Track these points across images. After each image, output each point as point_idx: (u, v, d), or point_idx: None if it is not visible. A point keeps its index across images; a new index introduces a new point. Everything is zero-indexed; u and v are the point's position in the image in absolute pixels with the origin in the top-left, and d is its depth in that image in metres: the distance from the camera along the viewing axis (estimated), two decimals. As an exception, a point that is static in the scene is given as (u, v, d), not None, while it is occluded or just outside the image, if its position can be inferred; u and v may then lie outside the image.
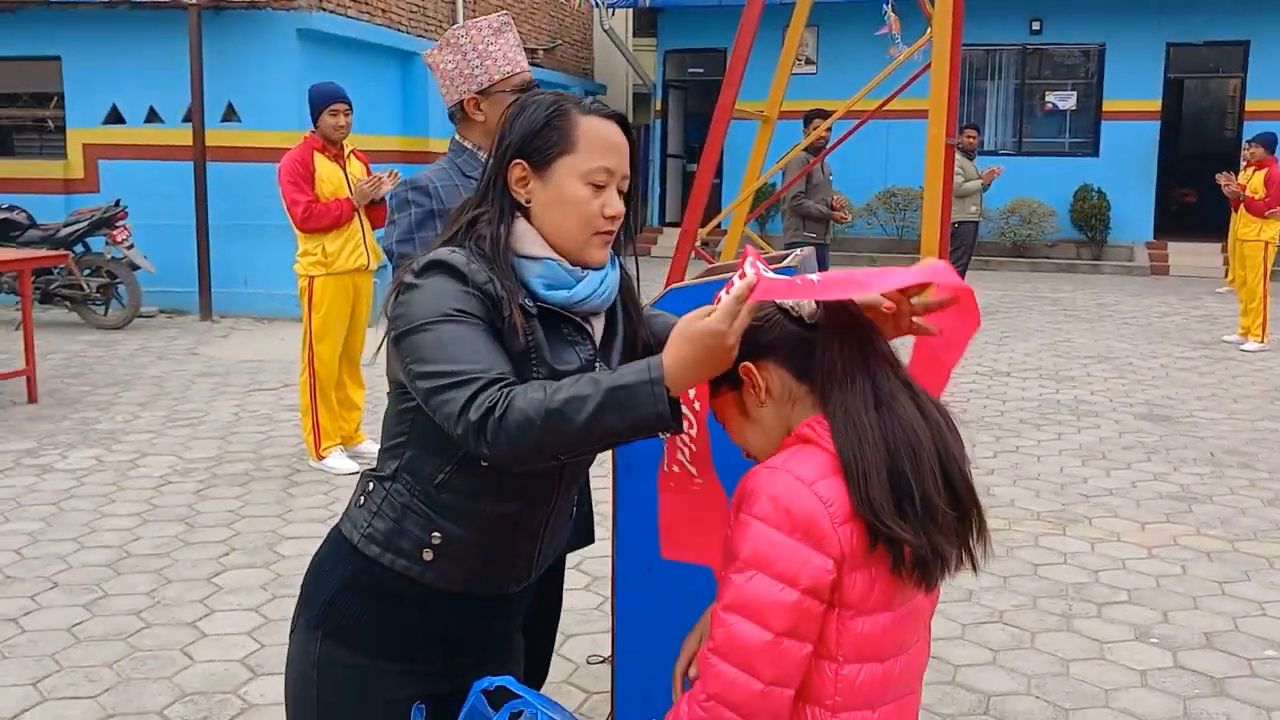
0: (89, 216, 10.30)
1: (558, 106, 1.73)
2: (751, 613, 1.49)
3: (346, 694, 1.76)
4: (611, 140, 1.73)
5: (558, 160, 1.71)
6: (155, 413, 7.37)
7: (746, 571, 1.50)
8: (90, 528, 5.17)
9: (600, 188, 1.72)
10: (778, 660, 1.48)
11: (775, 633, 1.48)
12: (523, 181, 1.73)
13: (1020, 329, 11.26)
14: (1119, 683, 3.78)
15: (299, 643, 1.81)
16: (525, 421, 1.51)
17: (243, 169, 11.14)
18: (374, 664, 1.76)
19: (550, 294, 1.72)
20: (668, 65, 19.52)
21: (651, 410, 1.49)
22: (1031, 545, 5.08)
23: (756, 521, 1.51)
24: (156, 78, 11.30)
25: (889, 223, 17.39)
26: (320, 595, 1.78)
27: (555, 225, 1.72)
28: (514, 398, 1.53)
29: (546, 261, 1.72)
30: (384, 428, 1.82)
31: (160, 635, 4.06)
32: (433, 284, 1.65)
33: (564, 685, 3.71)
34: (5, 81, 12.34)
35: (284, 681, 1.86)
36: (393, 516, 1.75)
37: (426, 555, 1.73)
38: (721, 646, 1.50)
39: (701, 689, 1.52)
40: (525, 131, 1.72)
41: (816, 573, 1.48)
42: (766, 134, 8.34)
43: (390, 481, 1.76)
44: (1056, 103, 17.76)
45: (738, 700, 1.48)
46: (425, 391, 1.61)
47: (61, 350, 9.43)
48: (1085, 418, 7.54)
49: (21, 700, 3.56)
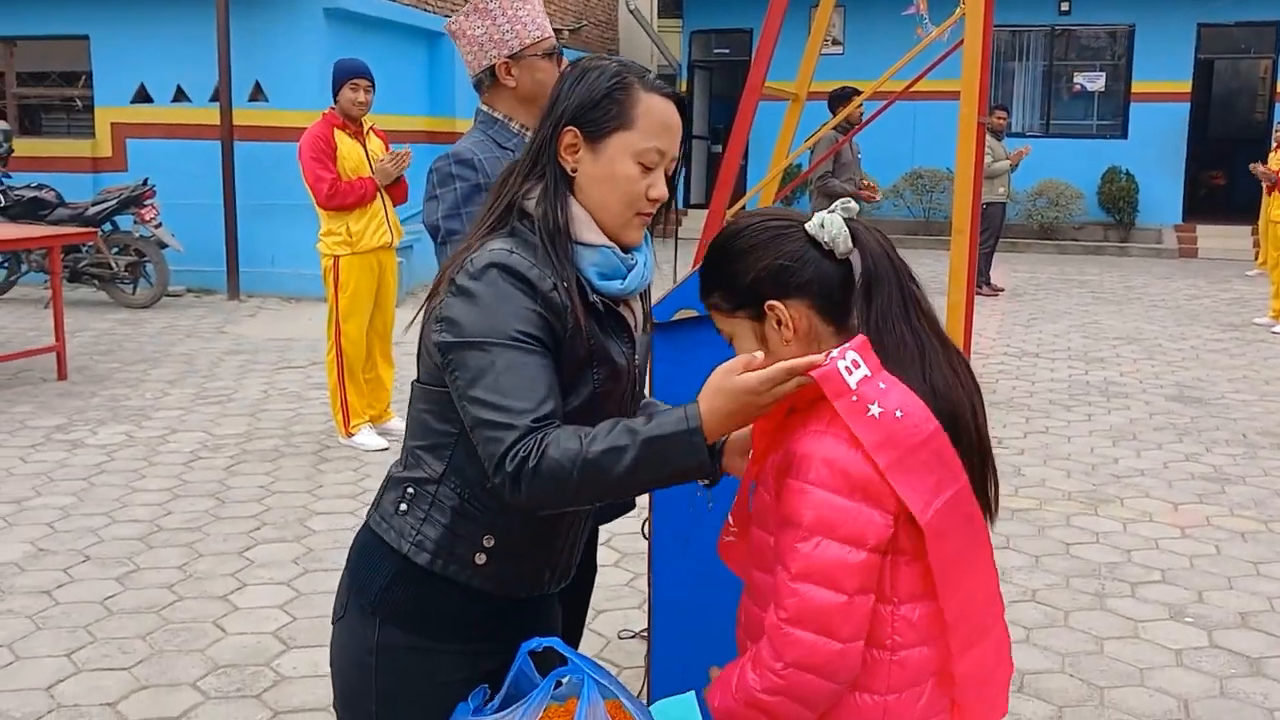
0: (117, 195, 10.34)
1: (621, 78, 1.68)
2: (823, 578, 1.50)
3: (407, 678, 1.73)
4: (669, 121, 1.70)
5: (613, 134, 1.66)
6: (184, 390, 7.41)
7: (813, 538, 1.50)
8: (121, 502, 5.20)
9: (649, 169, 1.68)
10: (852, 618, 1.50)
11: (849, 593, 1.50)
12: (572, 149, 1.68)
13: (1048, 311, 11.18)
14: (1154, 661, 3.76)
15: (351, 629, 1.75)
16: (560, 473, 1.48)
17: (270, 148, 11.15)
18: (434, 645, 1.72)
19: (605, 285, 1.68)
20: (693, 46, 19.43)
21: (693, 461, 1.49)
22: (1063, 525, 5.05)
23: (814, 488, 1.51)
24: (184, 57, 11.32)
25: (916, 204, 17.28)
26: (375, 582, 1.72)
27: (599, 200, 1.68)
28: (549, 448, 1.49)
29: (603, 249, 1.68)
30: (417, 422, 1.73)
31: (192, 608, 4.08)
32: (494, 293, 1.58)
33: (596, 660, 3.70)
34: (34, 60, 12.41)
35: (332, 671, 1.80)
36: (444, 522, 1.68)
37: (479, 559, 1.69)
38: (796, 615, 1.51)
39: (775, 657, 1.52)
40: (584, 99, 1.67)
41: (880, 530, 1.51)
42: (796, 114, 8.27)
43: (436, 485, 1.69)
44: (1085, 84, 17.59)
45: (819, 663, 1.50)
46: (472, 419, 1.56)
47: (90, 328, 9.48)
48: (1115, 399, 7.48)
49: (56, 671, 3.59)
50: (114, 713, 3.34)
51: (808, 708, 1.54)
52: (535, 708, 1.67)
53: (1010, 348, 9.24)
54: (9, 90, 12.44)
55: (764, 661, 1.54)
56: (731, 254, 1.63)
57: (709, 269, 1.67)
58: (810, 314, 1.59)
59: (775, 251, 1.59)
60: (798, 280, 1.58)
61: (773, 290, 1.58)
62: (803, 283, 1.58)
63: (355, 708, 1.77)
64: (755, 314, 1.61)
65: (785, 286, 1.58)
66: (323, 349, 6.44)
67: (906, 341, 1.57)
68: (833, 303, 1.60)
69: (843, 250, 1.58)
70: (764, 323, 1.61)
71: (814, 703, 1.53)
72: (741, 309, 1.62)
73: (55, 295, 7.71)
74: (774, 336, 1.61)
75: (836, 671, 1.51)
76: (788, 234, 1.60)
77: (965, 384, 1.61)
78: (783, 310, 1.58)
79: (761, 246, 1.60)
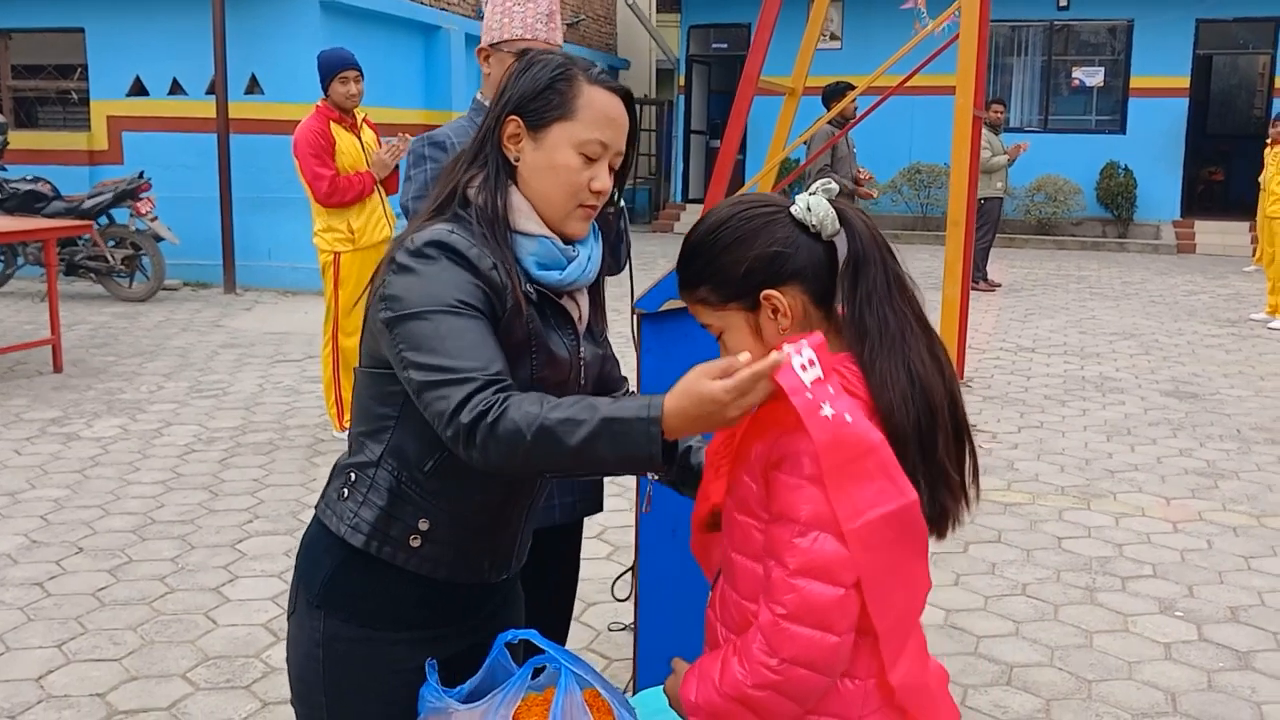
0: (113, 188, 10.33)
1: (564, 70, 1.70)
2: (822, 572, 1.48)
3: (354, 668, 1.73)
4: (611, 114, 1.70)
5: (554, 124, 1.68)
6: (179, 383, 7.41)
7: (810, 533, 1.48)
8: (115, 495, 5.21)
9: (592, 160, 1.69)
10: (848, 611, 1.49)
11: (846, 586, 1.48)
12: (515, 139, 1.70)
13: (1045, 306, 11.18)
14: (1143, 655, 3.76)
15: (300, 623, 1.77)
16: (516, 433, 1.47)
17: (266, 141, 11.15)
18: (379, 635, 1.72)
19: (542, 274, 1.69)
20: (691, 40, 19.41)
21: (645, 450, 1.46)
22: (1055, 519, 5.05)
23: (808, 484, 1.49)
24: (180, 49, 11.32)
25: (913, 200, 17.27)
26: (317, 576, 1.73)
27: (540, 191, 1.70)
28: (508, 406, 1.48)
29: (541, 239, 1.69)
30: (359, 407, 1.74)
31: (184, 600, 4.09)
32: (435, 268, 1.60)
33: (585, 652, 3.71)
34: (29, 53, 12.39)
35: (287, 664, 1.82)
36: (379, 504, 1.69)
37: (414, 542, 1.69)
38: (796, 611, 1.48)
39: (769, 653, 1.50)
40: (526, 89, 1.69)
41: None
42: (791, 108, 8.30)
43: (374, 468, 1.70)
44: (1084, 79, 17.58)
45: (817, 657, 1.49)
46: (418, 384, 1.55)
47: (87, 321, 9.48)
48: (1110, 394, 7.49)
49: (47, 661, 3.59)
50: (103, 704, 3.34)
51: (798, 702, 1.52)
52: (513, 696, 1.67)
53: (1006, 342, 9.24)
54: (4, 83, 12.43)
55: (755, 657, 1.52)
56: (719, 246, 1.59)
57: (694, 263, 1.63)
58: (804, 299, 1.58)
59: (767, 239, 1.56)
60: (792, 266, 1.56)
61: (767, 279, 1.56)
62: (797, 268, 1.56)
63: (309, 701, 1.78)
64: (749, 304, 1.58)
65: (780, 274, 1.56)
66: (318, 343, 6.44)
67: (889, 323, 1.55)
68: (823, 286, 1.59)
69: (830, 231, 1.57)
70: (758, 313, 1.58)
71: (806, 697, 1.52)
72: (734, 301, 1.59)
73: (51, 288, 7.71)
74: (769, 326, 1.58)
75: (832, 665, 1.51)
76: (775, 220, 1.58)
77: (944, 371, 1.59)
78: (779, 298, 1.56)
79: (751, 235, 1.57)
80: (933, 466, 1.55)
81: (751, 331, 1.60)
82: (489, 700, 1.68)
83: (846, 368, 1.56)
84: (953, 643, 3.81)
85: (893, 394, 1.52)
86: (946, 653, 3.72)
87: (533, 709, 1.69)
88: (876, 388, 1.53)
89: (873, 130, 11.86)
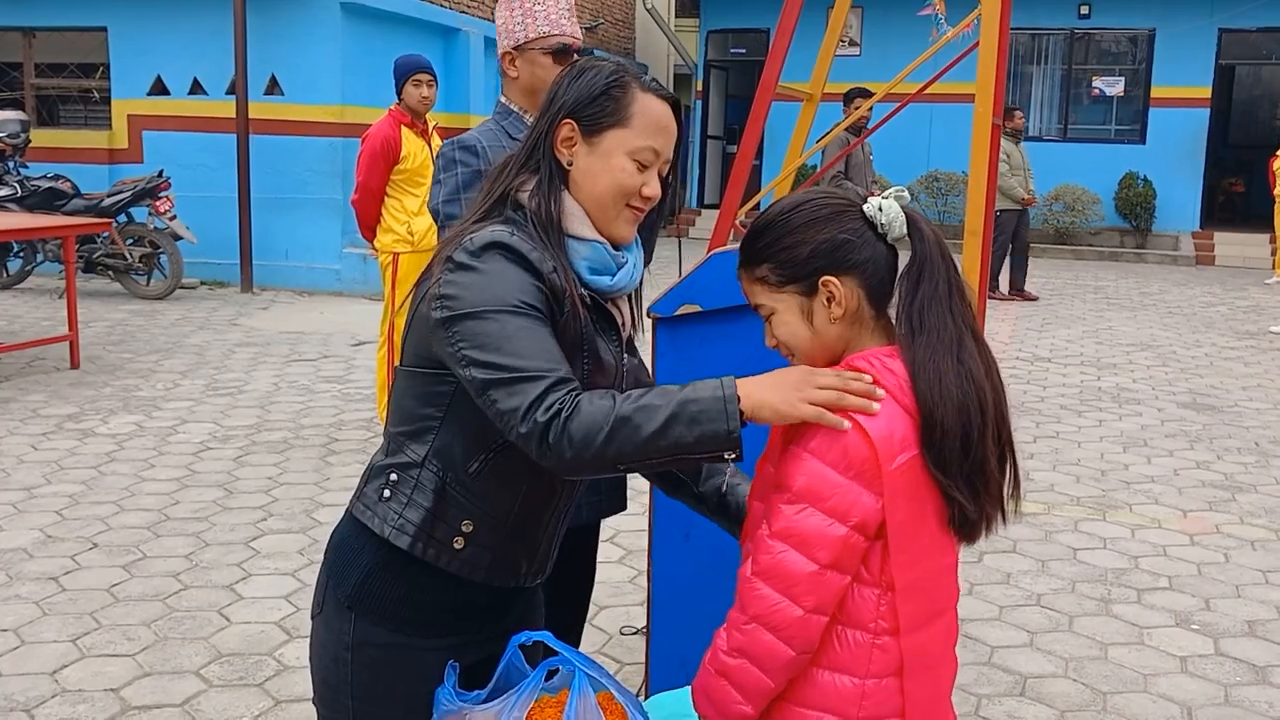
0: (132, 187, 10.38)
1: (619, 77, 1.70)
2: (799, 543, 1.53)
3: (385, 673, 1.72)
4: (664, 122, 1.71)
5: (609, 131, 1.69)
6: (195, 381, 7.44)
7: (798, 504, 1.53)
8: (130, 491, 5.22)
9: (644, 167, 1.70)
10: (819, 590, 1.53)
11: (820, 565, 1.52)
12: (569, 142, 1.70)
13: (1062, 316, 11.14)
14: (1158, 668, 3.73)
15: (328, 624, 1.74)
16: (592, 427, 1.47)
17: (285, 142, 11.20)
18: (410, 641, 1.71)
19: (594, 279, 1.70)
20: (709, 45, 19.42)
21: (722, 427, 1.47)
22: (1071, 530, 5.03)
23: (812, 457, 1.53)
24: (201, 49, 11.37)
25: (930, 207, 17.22)
26: (352, 575, 1.71)
27: (591, 195, 1.70)
28: (581, 403, 1.49)
29: (594, 244, 1.69)
30: (399, 408, 1.73)
31: (197, 597, 4.10)
32: (496, 268, 1.59)
33: (597, 655, 3.70)
34: (52, 51, 12.47)
35: (311, 668, 1.80)
36: (425, 506, 1.67)
37: (458, 544, 1.69)
38: (766, 570, 1.54)
39: (741, 611, 1.57)
40: (581, 95, 1.70)
41: (866, 511, 1.52)
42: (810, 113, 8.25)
43: (418, 469, 1.68)
44: (1104, 88, 17.52)
45: (778, 623, 1.53)
46: (482, 383, 1.54)
47: (104, 318, 9.53)
48: (1127, 405, 7.45)
49: (62, 656, 3.61)
50: (117, 699, 3.35)
51: (767, 674, 1.56)
52: (527, 697, 1.67)
53: (1023, 352, 9.21)
54: (27, 81, 12.51)
55: (731, 619, 1.59)
56: (791, 225, 1.63)
57: (761, 240, 1.66)
58: (860, 294, 1.61)
59: (838, 226, 1.61)
60: (856, 257, 1.60)
61: (829, 265, 1.59)
62: (860, 261, 1.60)
63: (333, 704, 1.76)
64: (806, 289, 1.61)
65: (842, 262, 1.60)
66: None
67: (948, 325, 1.59)
68: (881, 285, 1.62)
69: (896, 234, 1.61)
70: (814, 298, 1.61)
71: (773, 668, 1.55)
72: (793, 283, 1.62)
73: (69, 285, 7.75)
74: (821, 314, 1.61)
75: (794, 638, 1.54)
76: (848, 212, 1.63)
77: (994, 381, 1.63)
78: (837, 286, 1.59)
79: (824, 220, 1.61)
80: (973, 465, 1.57)
81: (803, 316, 1.64)
82: (503, 701, 1.68)
83: (882, 359, 1.59)
84: (967, 653, 3.79)
85: (942, 388, 1.55)
86: (960, 662, 3.69)
87: (546, 710, 1.69)
88: (926, 381, 1.55)
89: (891, 137, 11.87)
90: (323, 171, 11.29)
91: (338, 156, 11.03)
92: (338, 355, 8.30)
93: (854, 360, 1.61)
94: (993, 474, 1.59)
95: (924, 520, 1.57)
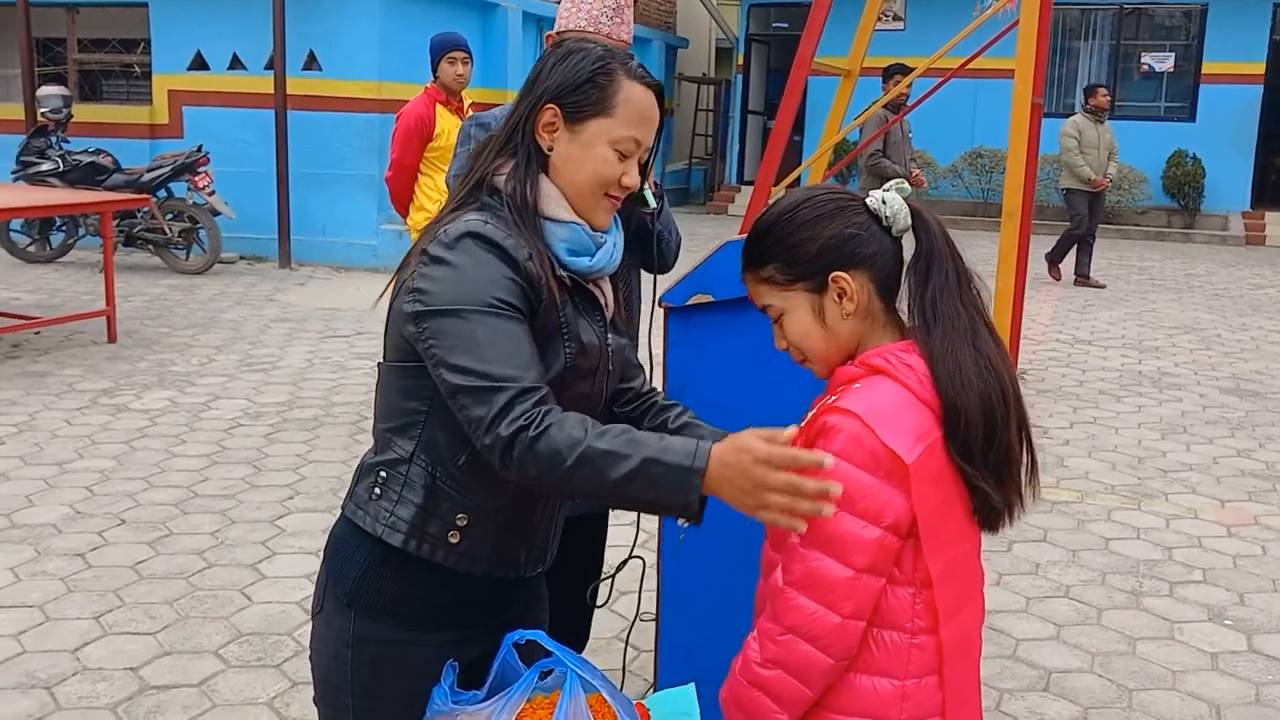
0: (172, 162, 10.45)
1: (604, 64, 1.67)
2: (834, 549, 1.50)
3: (385, 670, 1.70)
4: (647, 112, 1.68)
5: (592, 120, 1.66)
6: (230, 356, 7.48)
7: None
8: (160, 467, 5.26)
9: (625, 157, 1.68)
10: (856, 595, 1.51)
11: (856, 569, 1.50)
12: (550, 128, 1.67)
13: (1104, 297, 10.94)
14: (1188, 664, 3.66)
15: (328, 622, 1.73)
16: (556, 456, 1.46)
17: (323, 118, 11.22)
18: (409, 637, 1.69)
19: (573, 261, 1.67)
20: (751, 19, 19.20)
21: (679, 499, 1.45)
22: (1104, 519, 4.94)
23: (839, 459, 1.49)
24: (240, 25, 11.40)
25: (974, 185, 16.99)
26: (350, 573, 1.70)
27: (571, 182, 1.68)
28: (551, 426, 1.47)
29: (572, 226, 1.67)
30: (385, 403, 1.70)
31: (221, 575, 4.12)
32: (471, 261, 1.57)
33: (614, 641, 3.69)
34: (95, 27, 12.56)
35: (311, 666, 1.79)
36: (416, 502, 1.65)
37: (453, 538, 1.67)
38: (800, 580, 1.52)
39: (775, 623, 1.54)
40: (566, 80, 1.66)
41: (899, 511, 1.50)
42: (847, 89, 8.17)
43: (406, 465, 1.66)
44: (1153, 65, 17.15)
45: (816, 633, 1.51)
46: (452, 386, 1.53)
47: (144, 293, 9.61)
48: (1167, 390, 7.31)
49: (84, 633, 3.64)
50: (136, 677, 3.38)
51: (805, 683, 1.53)
52: (519, 697, 1.65)
53: (1063, 334, 9.06)
54: (70, 56, 12.61)
55: (765, 630, 1.56)
56: (796, 223, 1.61)
57: (766, 239, 1.64)
58: (870, 288, 1.60)
59: (844, 221, 1.59)
60: (865, 251, 1.58)
61: (838, 260, 1.58)
62: (869, 254, 1.58)
63: (334, 703, 1.75)
64: (816, 286, 1.60)
65: (851, 257, 1.58)
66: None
67: (960, 314, 1.58)
68: (890, 278, 1.61)
69: (901, 227, 1.60)
70: (824, 295, 1.60)
71: (811, 678, 1.53)
72: (802, 280, 1.60)
73: (107, 261, 7.81)
74: (833, 310, 1.60)
75: (832, 646, 1.51)
76: (851, 206, 1.61)
77: (1008, 365, 1.62)
78: (848, 281, 1.57)
79: (829, 216, 1.59)
80: (998, 454, 1.56)
81: (814, 314, 1.62)
82: (495, 701, 1.66)
83: (899, 354, 1.57)
84: (991, 645, 3.73)
85: (963, 377, 1.54)
86: (984, 655, 3.63)
87: (538, 711, 1.67)
88: (947, 372, 1.54)
89: (934, 113, 11.65)
90: (360, 147, 11.30)
91: (375, 133, 11.02)
92: (372, 332, 8.31)
93: (869, 358, 1.59)
94: (1016, 460, 1.59)
95: (951, 507, 1.56)
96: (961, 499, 1.56)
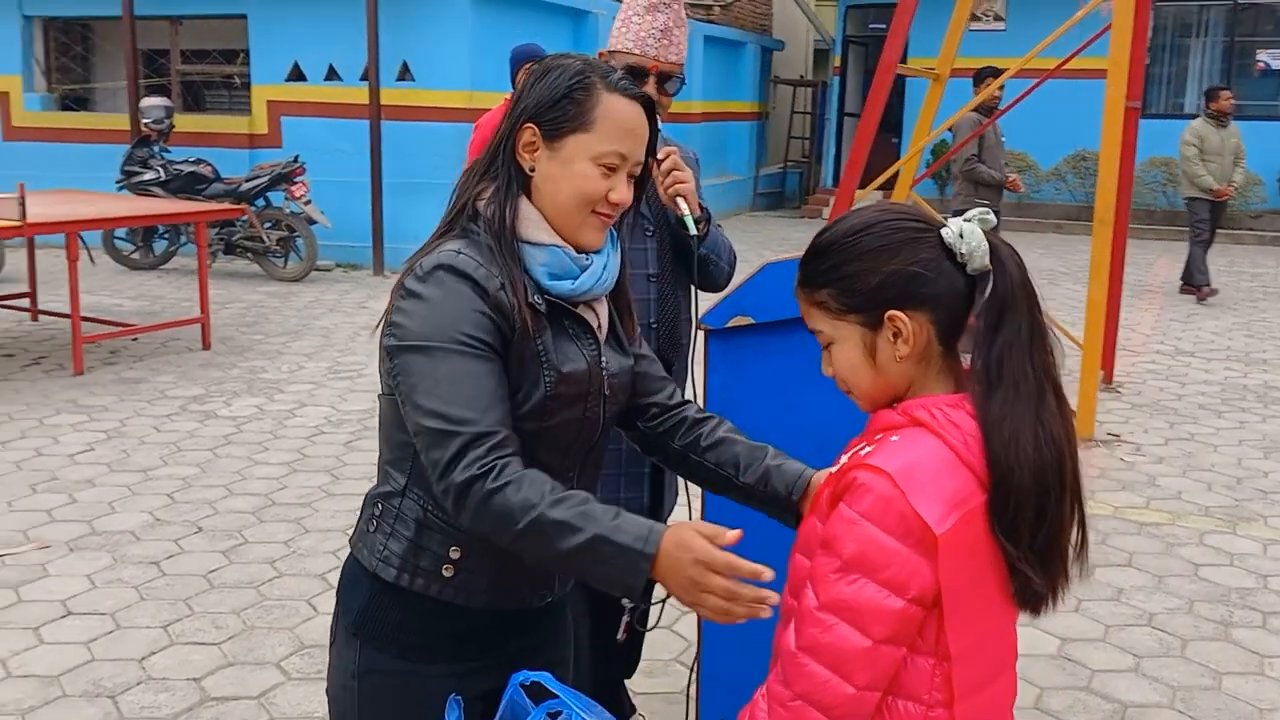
0: (269, 172, 10.69)
1: (582, 78, 1.62)
2: (852, 617, 1.38)
3: (387, 701, 1.70)
4: (630, 125, 1.63)
5: (570, 136, 1.61)
6: (319, 364, 7.61)
7: (850, 574, 1.38)
8: (241, 475, 5.36)
9: (611, 172, 1.62)
10: (874, 666, 1.39)
11: (875, 640, 1.38)
12: (531, 147, 1.64)
13: (1211, 306, 10.52)
14: (1277, 702, 3.46)
15: (339, 653, 1.74)
16: (507, 516, 1.47)
17: (416, 128, 11.36)
18: (414, 668, 1.68)
19: (554, 285, 1.63)
20: (848, 21, 18.96)
21: (624, 580, 1.45)
22: (1195, 543, 4.72)
23: (865, 522, 1.38)
24: (336, 36, 11.62)
25: (1078, 188, 16.51)
26: (355, 604, 1.70)
27: (553, 202, 1.63)
28: (508, 485, 1.47)
29: (551, 249, 1.63)
30: (383, 434, 1.70)
31: (290, 585, 4.17)
32: (442, 294, 1.55)
33: (672, 664, 3.63)
34: (197, 39, 12.92)
35: (327, 694, 1.79)
36: (406, 536, 1.64)
37: (447, 571, 1.65)
38: (813, 645, 1.40)
39: (786, 687, 1.43)
40: (543, 98, 1.62)
41: (925, 582, 1.37)
42: (937, 92, 8.00)
43: (399, 498, 1.65)
44: (1269, 62, 16.46)
45: (828, 702, 1.40)
46: (414, 425, 1.55)
47: (241, 299, 9.85)
48: (1273, 405, 6.98)
49: (152, 642, 3.71)
50: (198, 688, 3.43)
51: None
52: (522, 741, 1.61)
53: (1164, 345, 8.73)
54: (173, 67, 12.99)
55: (775, 694, 1.45)
56: (857, 250, 1.47)
57: (824, 262, 1.50)
58: (931, 330, 1.46)
59: (910, 256, 1.45)
60: (929, 291, 1.44)
61: (899, 297, 1.44)
62: (933, 295, 1.44)
63: None
64: (870, 321, 1.47)
65: (914, 297, 1.44)
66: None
67: (1028, 377, 1.43)
68: (954, 322, 1.47)
69: (977, 266, 1.44)
70: (878, 332, 1.47)
71: None
72: (856, 313, 1.47)
73: (201, 270, 8.01)
74: (885, 350, 1.47)
75: (844, 717, 1.41)
76: (923, 238, 1.46)
77: (1070, 435, 1.48)
78: (905, 322, 1.44)
79: (894, 248, 1.45)
80: (1048, 534, 1.43)
81: (865, 350, 1.49)
82: (498, 743, 1.62)
83: (945, 409, 1.44)
84: (1064, 675, 3.58)
85: (1019, 450, 1.40)
86: (1055, 686, 3.50)
87: (544, 751, 1.62)
88: (1002, 441, 1.40)
89: (1034, 115, 11.33)
90: (452, 157, 11.40)
91: (466, 142, 11.11)
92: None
93: (913, 408, 1.46)
94: (1066, 539, 1.45)
95: (984, 583, 1.43)
96: (998, 572, 1.43)
